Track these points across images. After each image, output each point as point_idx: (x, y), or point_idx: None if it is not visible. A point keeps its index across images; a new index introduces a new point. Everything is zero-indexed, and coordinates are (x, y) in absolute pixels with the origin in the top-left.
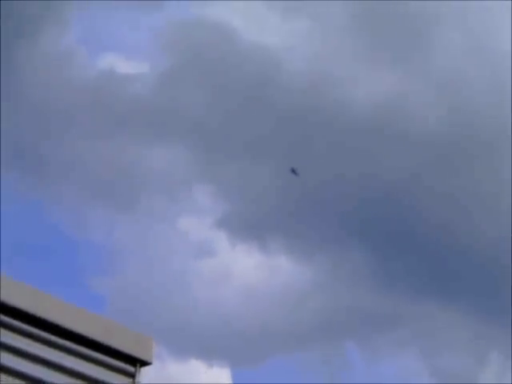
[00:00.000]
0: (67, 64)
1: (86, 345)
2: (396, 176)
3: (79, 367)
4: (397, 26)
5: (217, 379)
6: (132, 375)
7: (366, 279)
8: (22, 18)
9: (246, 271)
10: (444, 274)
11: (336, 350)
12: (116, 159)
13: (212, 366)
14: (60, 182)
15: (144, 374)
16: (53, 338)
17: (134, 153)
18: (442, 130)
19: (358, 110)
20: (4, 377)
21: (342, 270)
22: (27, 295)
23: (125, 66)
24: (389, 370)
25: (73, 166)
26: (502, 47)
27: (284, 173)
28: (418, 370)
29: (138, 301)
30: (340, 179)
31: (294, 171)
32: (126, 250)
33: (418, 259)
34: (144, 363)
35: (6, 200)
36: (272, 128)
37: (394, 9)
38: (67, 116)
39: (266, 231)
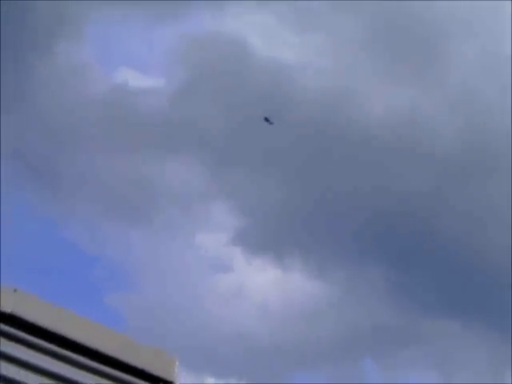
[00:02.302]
0: (82, 78)
1: (107, 362)
2: (411, 189)
3: None
4: (412, 40)
5: None
6: None
7: (383, 295)
8: (37, 31)
9: (261, 287)
10: (460, 289)
11: (353, 367)
12: (131, 173)
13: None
14: (75, 197)
15: None
16: (72, 354)
17: (149, 167)
18: (456, 144)
19: (374, 124)
20: None
21: (358, 285)
22: (42, 309)
23: (139, 81)
24: None
25: (87, 180)
26: None
27: (299, 187)
28: None
29: (153, 317)
30: (355, 193)
31: (267, 120)
32: (142, 265)
33: (434, 274)
34: (167, 383)
35: (21, 216)
36: (287, 142)
37: (409, 23)
38: (82, 130)
39: (281, 246)
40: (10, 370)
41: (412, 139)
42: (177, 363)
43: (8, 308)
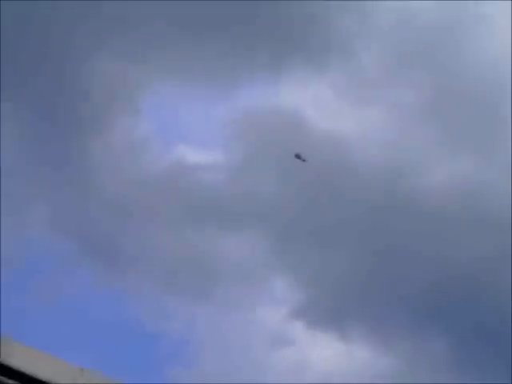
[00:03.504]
0: (140, 153)
1: None
2: (473, 256)
3: None
4: (468, 112)
5: None
6: None
7: (447, 367)
8: (96, 107)
9: (323, 360)
10: None
11: None
12: (191, 248)
13: None
14: (137, 272)
15: None
16: None
17: (210, 242)
18: None
19: (435, 193)
20: None
21: (422, 358)
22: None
23: (197, 156)
24: None
25: (149, 255)
26: None
27: (360, 259)
28: None
29: None
30: (417, 263)
31: (298, 157)
32: (204, 339)
33: (501, 345)
34: None
35: (86, 293)
36: (347, 215)
37: (467, 90)
38: (141, 206)
39: (343, 319)
40: None
41: (473, 206)
42: None
43: None
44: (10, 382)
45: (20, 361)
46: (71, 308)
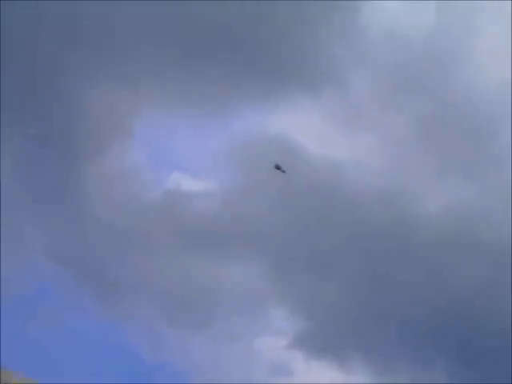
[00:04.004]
0: (134, 180)
1: None
2: (467, 281)
3: None
4: (462, 138)
5: None
6: None
7: None
8: (90, 133)
9: None
10: None
11: None
12: (190, 277)
13: None
14: (133, 301)
15: None
16: None
17: (205, 270)
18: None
19: (429, 220)
20: None
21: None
22: None
23: (191, 183)
24: None
25: (145, 284)
26: None
27: (356, 287)
28: None
29: None
30: (414, 289)
31: (278, 168)
32: (203, 370)
33: (502, 368)
34: None
35: (84, 322)
36: (342, 241)
37: (456, 122)
38: (137, 233)
39: (341, 348)
40: None
41: (470, 232)
42: None
43: None
44: None
45: None
46: (70, 336)
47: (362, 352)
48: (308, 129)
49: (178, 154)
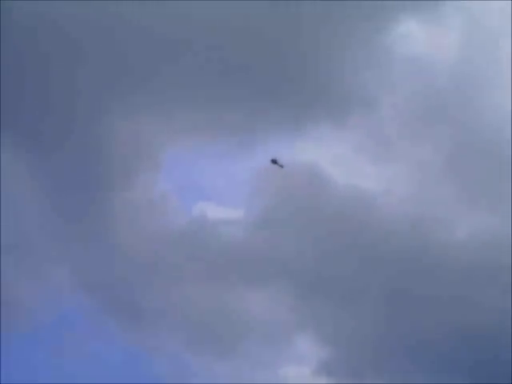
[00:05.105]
0: (161, 209)
1: None
2: (491, 306)
3: None
4: (490, 165)
5: None
6: None
7: None
8: (118, 162)
9: None
10: None
11: None
12: (216, 305)
13: None
14: (158, 328)
15: None
16: None
17: (230, 298)
18: None
19: (456, 246)
20: None
21: None
22: None
23: (218, 212)
24: None
25: (170, 311)
26: None
27: (380, 311)
28: None
29: None
30: (439, 315)
31: (275, 162)
32: None
33: None
34: None
35: (109, 350)
36: (368, 269)
37: (483, 150)
38: (164, 262)
39: (366, 374)
40: None
41: (493, 259)
42: None
43: None
44: None
45: None
46: (95, 364)
47: (387, 379)
48: (335, 157)
49: (205, 182)
